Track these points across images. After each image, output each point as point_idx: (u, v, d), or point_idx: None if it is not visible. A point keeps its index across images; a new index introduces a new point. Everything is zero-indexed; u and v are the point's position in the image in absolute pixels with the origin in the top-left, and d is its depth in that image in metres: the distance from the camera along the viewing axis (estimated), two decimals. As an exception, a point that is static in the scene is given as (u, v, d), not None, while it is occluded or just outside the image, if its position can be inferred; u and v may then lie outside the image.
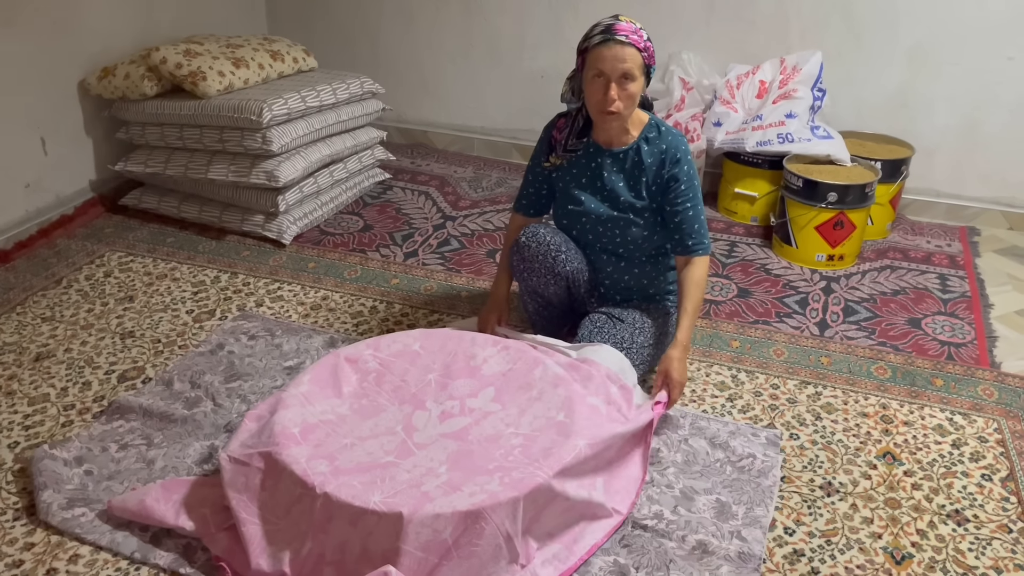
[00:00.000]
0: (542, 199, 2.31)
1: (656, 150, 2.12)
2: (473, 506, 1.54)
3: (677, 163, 2.10)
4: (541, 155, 2.25)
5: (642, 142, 2.13)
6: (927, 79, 3.17)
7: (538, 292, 2.25)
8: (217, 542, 1.68)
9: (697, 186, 2.13)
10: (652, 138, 2.13)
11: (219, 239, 3.06)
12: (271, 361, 2.32)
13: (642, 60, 1.99)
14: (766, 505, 1.83)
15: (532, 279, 2.21)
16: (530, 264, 2.18)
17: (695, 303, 2.08)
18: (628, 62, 1.97)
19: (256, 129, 2.88)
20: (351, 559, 1.53)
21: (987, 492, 1.91)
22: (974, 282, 2.85)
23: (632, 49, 1.97)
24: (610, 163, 2.16)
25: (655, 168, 2.12)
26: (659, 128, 2.13)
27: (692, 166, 2.12)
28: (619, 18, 2.01)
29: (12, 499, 1.85)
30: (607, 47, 1.97)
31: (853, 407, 2.19)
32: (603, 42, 1.97)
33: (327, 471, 1.63)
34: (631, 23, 2.00)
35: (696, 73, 3.32)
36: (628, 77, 1.98)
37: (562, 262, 2.17)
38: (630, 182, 2.15)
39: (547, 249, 2.16)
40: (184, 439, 2.02)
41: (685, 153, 2.11)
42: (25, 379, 2.26)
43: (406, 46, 3.88)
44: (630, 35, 1.97)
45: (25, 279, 2.76)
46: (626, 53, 1.96)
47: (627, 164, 2.14)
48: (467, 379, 1.93)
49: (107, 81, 3.04)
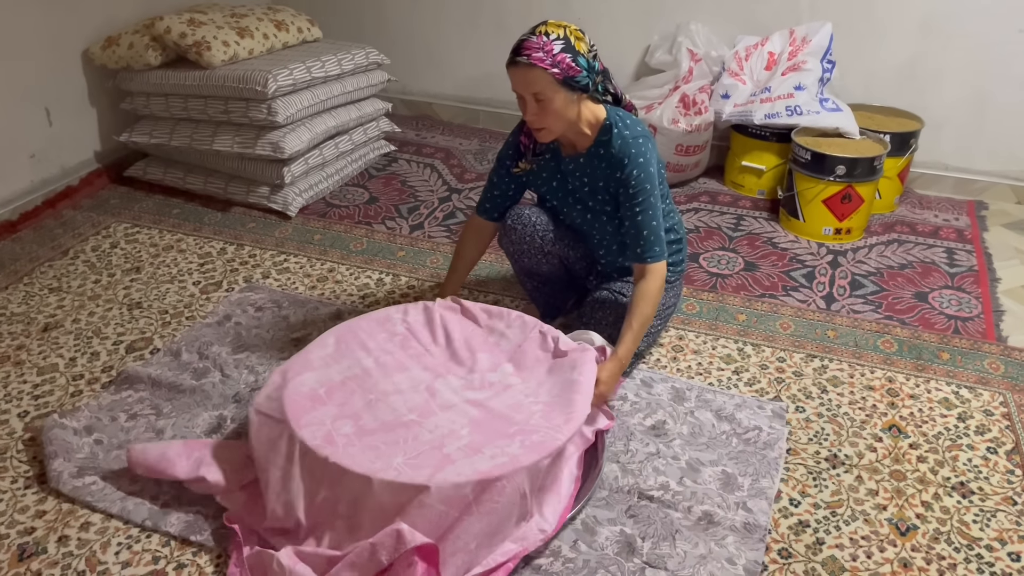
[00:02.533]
0: (507, 201, 2.19)
1: (608, 154, 1.97)
2: (495, 470, 1.57)
3: (624, 168, 1.95)
4: (508, 159, 2.13)
5: (598, 146, 1.99)
6: (937, 51, 3.14)
7: (533, 271, 2.25)
8: (234, 500, 1.71)
9: (650, 189, 1.95)
10: (605, 141, 1.97)
11: (225, 211, 3.06)
12: (278, 333, 2.33)
13: (552, 79, 1.81)
14: (772, 477, 1.84)
15: (524, 260, 2.21)
16: (519, 246, 2.17)
17: (641, 319, 1.93)
18: (534, 84, 1.82)
19: (261, 100, 2.86)
20: (365, 514, 1.55)
21: (992, 465, 1.91)
22: (981, 256, 2.84)
23: (536, 71, 1.80)
24: (572, 168, 2.07)
25: (607, 172, 2.00)
26: (612, 129, 1.96)
27: (644, 168, 1.94)
28: (535, 31, 1.83)
29: (23, 467, 1.86)
30: (513, 69, 1.84)
31: (859, 380, 2.19)
32: (509, 63, 1.84)
33: (351, 432, 1.66)
34: (544, 36, 1.81)
35: (704, 44, 3.29)
36: (540, 98, 1.84)
37: (551, 240, 2.16)
38: (593, 186, 2.06)
39: (534, 229, 2.14)
40: (193, 409, 2.03)
41: (636, 156, 1.93)
42: (33, 349, 2.27)
43: (411, 17, 3.84)
44: (533, 54, 1.80)
45: (31, 250, 2.76)
46: (530, 76, 1.82)
47: (588, 168, 2.04)
48: (487, 353, 1.94)
49: (111, 51, 3.02)
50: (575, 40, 1.85)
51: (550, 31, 1.83)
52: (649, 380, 2.15)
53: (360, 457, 1.59)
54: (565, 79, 1.83)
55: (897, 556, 1.67)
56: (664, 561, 1.63)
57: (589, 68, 1.87)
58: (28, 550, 1.66)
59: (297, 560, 1.51)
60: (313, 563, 1.51)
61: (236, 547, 1.60)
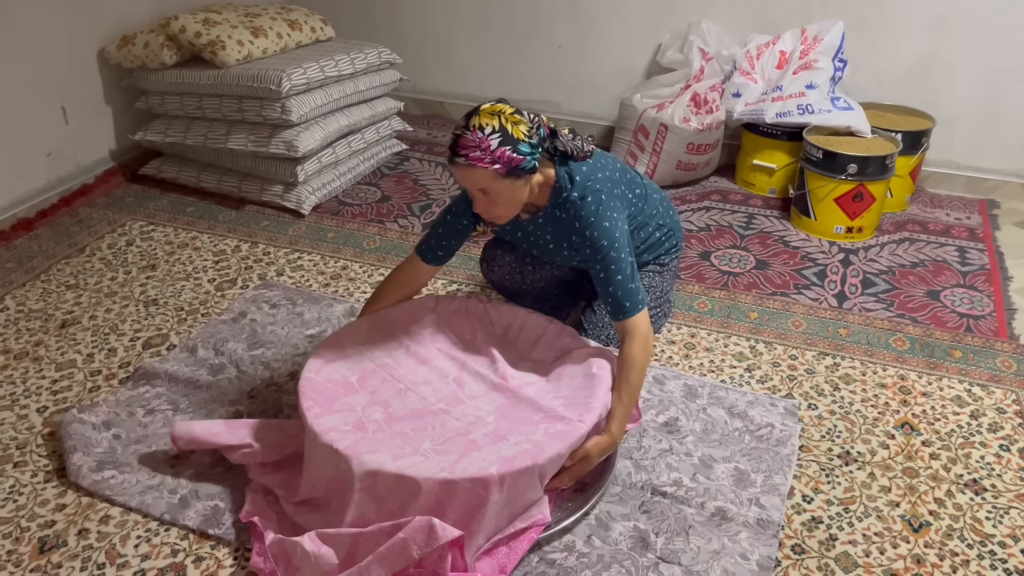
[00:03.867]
0: (451, 251, 2.04)
1: (565, 216, 1.90)
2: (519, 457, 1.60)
3: (579, 231, 1.87)
4: (462, 216, 1.99)
5: (553, 208, 1.92)
6: (949, 50, 3.14)
7: (525, 293, 2.28)
8: (268, 477, 1.77)
9: (608, 246, 1.83)
10: (560, 202, 1.89)
11: (239, 209, 3.08)
12: (293, 329, 2.35)
13: (494, 173, 1.71)
14: (784, 473, 1.85)
15: (513, 290, 2.27)
16: (501, 282, 2.23)
17: (630, 392, 1.78)
18: (478, 182, 1.74)
19: (275, 99, 2.88)
20: (384, 487, 1.57)
21: (1005, 462, 1.92)
22: (993, 255, 2.84)
23: (476, 170, 1.71)
24: (532, 229, 2.01)
25: (567, 233, 1.94)
26: (564, 189, 1.87)
27: (596, 227, 1.83)
28: (470, 124, 1.71)
29: (42, 461, 1.89)
30: (454, 167, 1.76)
31: (871, 378, 2.20)
32: (448, 160, 1.76)
33: (381, 419, 1.72)
34: (479, 131, 1.69)
35: (715, 43, 3.29)
36: (487, 191, 1.77)
37: (531, 272, 2.19)
38: (559, 241, 2.00)
39: (511, 268, 2.18)
40: (209, 405, 2.05)
41: (586, 218, 1.84)
42: (51, 345, 2.29)
43: (423, 16, 3.86)
44: (470, 153, 1.70)
45: (48, 247, 2.79)
46: (472, 176, 1.73)
47: (548, 228, 1.98)
48: (508, 348, 1.99)
49: (127, 50, 3.05)
50: (512, 127, 1.72)
51: (484, 123, 1.70)
52: (661, 377, 2.16)
53: (389, 443, 1.64)
54: (508, 171, 1.73)
55: (910, 552, 1.68)
56: (678, 556, 1.64)
57: (532, 149, 1.75)
58: (49, 543, 1.68)
59: (320, 544, 1.53)
60: (336, 543, 1.53)
61: (257, 537, 1.62)
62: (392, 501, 1.55)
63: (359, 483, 1.56)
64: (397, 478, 1.54)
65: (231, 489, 1.79)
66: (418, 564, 1.51)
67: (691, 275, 2.67)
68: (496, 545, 1.61)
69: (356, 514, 1.57)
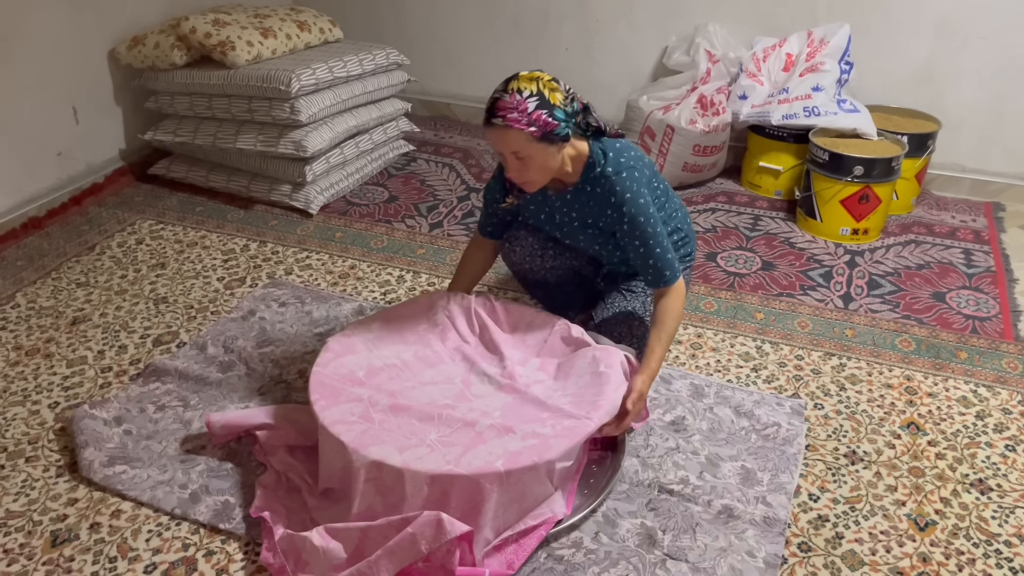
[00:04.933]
0: (505, 225, 2.18)
1: (597, 190, 1.94)
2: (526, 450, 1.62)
3: (615, 206, 1.92)
4: (496, 191, 2.10)
5: (584, 183, 1.96)
6: (954, 52, 3.15)
7: (540, 283, 2.28)
8: (295, 461, 1.81)
9: (645, 221, 1.90)
10: (593, 177, 1.93)
11: (247, 208, 3.10)
12: (302, 328, 2.36)
13: (529, 136, 1.75)
14: (791, 472, 1.86)
15: (529, 277, 2.26)
16: (521, 266, 2.22)
17: (669, 333, 1.92)
18: (512, 144, 1.77)
19: (285, 99, 2.90)
20: (389, 479, 1.58)
21: (1011, 462, 1.93)
22: (999, 257, 2.85)
23: (512, 132, 1.75)
24: (559, 205, 2.05)
25: (598, 208, 1.98)
26: (598, 164, 1.91)
27: (634, 203, 1.89)
28: (508, 87, 1.77)
29: (54, 456, 1.90)
30: (488, 129, 1.80)
31: (877, 378, 2.20)
32: (484, 123, 1.80)
33: (387, 408, 1.74)
34: (517, 93, 1.75)
35: (722, 46, 3.31)
36: (521, 156, 1.80)
37: (551, 256, 2.19)
38: (584, 220, 2.04)
39: (532, 249, 2.18)
40: (219, 401, 2.06)
41: (622, 194, 1.90)
42: (63, 342, 2.31)
43: (430, 18, 3.88)
44: (508, 115, 1.74)
45: (59, 245, 2.81)
46: (507, 137, 1.76)
47: (576, 205, 2.02)
48: (516, 348, 2.00)
49: (137, 50, 3.07)
50: (549, 92, 1.77)
51: (523, 87, 1.75)
52: (668, 376, 2.17)
53: (395, 434, 1.65)
54: (543, 135, 1.77)
55: (916, 551, 1.69)
56: (685, 553, 1.65)
57: (567, 117, 1.80)
58: (61, 536, 1.69)
59: (329, 538, 1.54)
60: (344, 538, 1.55)
61: (267, 533, 1.63)
62: (397, 493, 1.57)
63: (365, 474, 1.57)
64: (402, 471, 1.56)
65: (241, 484, 1.81)
66: (426, 559, 1.52)
67: (697, 276, 2.68)
68: (506, 541, 1.62)
69: (363, 505, 1.59)
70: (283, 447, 1.84)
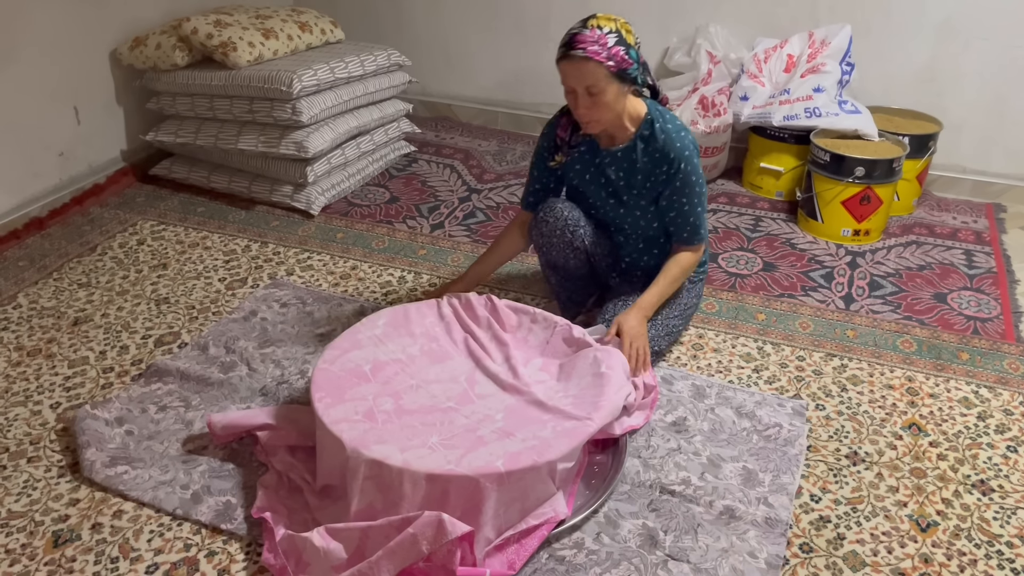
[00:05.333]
0: (549, 194, 2.25)
1: (651, 148, 2.03)
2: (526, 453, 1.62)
3: (670, 163, 2.01)
4: (544, 152, 2.19)
5: (638, 139, 2.04)
6: (956, 53, 3.15)
7: (558, 265, 2.27)
8: (295, 460, 1.81)
9: (695, 181, 2.04)
10: (647, 136, 2.03)
11: (249, 209, 3.10)
12: (303, 328, 2.36)
13: (606, 71, 1.85)
14: (792, 473, 1.86)
15: (552, 253, 2.23)
16: (548, 239, 2.19)
17: (669, 279, 2.09)
18: (589, 77, 1.86)
19: (286, 100, 2.91)
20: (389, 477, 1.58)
21: (1012, 463, 1.93)
22: (1000, 258, 2.85)
23: (591, 64, 1.84)
24: (609, 161, 2.10)
25: (650, 166, 2.05)
26: (654, 124, 2.02)
27: (690, 161, 2.02)
28: (587, 24, 1.87)
29: (56, 457, 1.90)
30: (566, 62, 1.87)
31: (879, 379, 2.20)
32: (562, 57, 1.88)
33: (391, 410, 1.74)
34: (597, 28, 1.85)
35: (723, 47, 3.31)
36: (593, 92, 1.88)
37: (580, 236, 2.18)
38: (630, 179, 2.10)
39: (564, 224, 2.16)
40: (221, 402, 2.07)
41: (682, 150, 2.00)
42: (64, 342, 2.31)
43: (431, 19, 3.88)
44: (588, 47, 1.83)
45: (60, 246, 2.81)
46: (584, 69, 1.85)
47: (625, 162, 2.08)
48: (518, 348, 2.00)
49: (138, 51, 3.07)
50: (625, 33, 1.90)
51: (602, 24, 1.87)
52: (670, 377, 2.17)
53: (398, 434, 1.66)
54: (619, 71, 1.88)
55: (918, 552, 1.69)
56: (686, 554, 1.65)
57: (638, 61, 1.93)
58: (63, 537, 1.69)
59: (330, 539, 1.54)
60: (345, 538, 1.55)
61: (268, 534, 1.63)
62: (396, 491, 1.57)
63: (365, 471, 1.58)
64: (402, 469, 1.56)
65: (243, 485, 1.81)
66: (427, 559, 1.52)
67: (699, 277, 2.68)
68: (507, 542, 1.62)
69: (363, 503, 1.59)
70: (284, 447, 1.84)
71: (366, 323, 2.00)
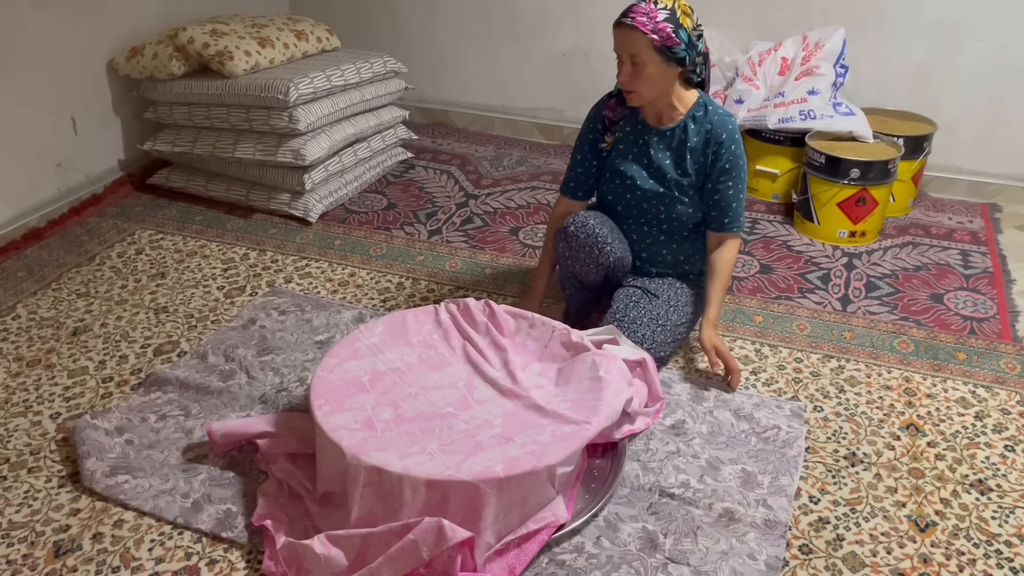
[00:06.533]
0: (591, 179, 2.30)
1: (702, 129, 2.12)
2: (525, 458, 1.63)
3: (721, 144, 2.10)
4: (589, 134, 2.25)
5: (689, 120, 2.13)
6: (950, 55, 3.16)
7: (579, 277, 2.28)
8: (296, 468, 1.82)
9: (742, 166, 2.13)
10: (699, 117, 2.12)
11: (247, 217, 3.11)
12: (302, 336, 2.37)
13: (650, 43, 1.95)
14: (791, 474, 1.87)
15: (576, 266, 2.24)
16: (576, 253, 2.20)
17: (724, 283, 2.17)
18: (632, 46, 1.96)
19: (283, 108, 2.92)
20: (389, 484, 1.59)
21: (1010, 462, 1.93)
22: (996, 258, 2.86)
23: (636, 33, 1.95)
24: (657, 140, 2.16)
25: (700, 147, 2.13)
26: (707, 107, 2.13)
27: (739, 146, 2.12)
28: None
29: (56, 467, 1.91)
30: (616, 29, 1.99)
31: (876, 380, 2.21)
32: (616, 23, 1.99)
33: (390, 419, 1.75)
34: (652, 3, 1.97)
35: (718, 50, 3.32)
36: (636, 61, 1.97)
37: (607, 253, 2.18)
38: (676, 160, 2.16)
39: (594, 240, 2.16)
40: (220, 410, 2.07)
41: (732, 133, 2.11)
42: (64, 353, 2.31)
43: (426, 25, 3.89)
44: (637, 18, 1.95)
45: (59, 256, 2.81)
46: (629, 38, 1.96)
47: (673, 142, 2.15)
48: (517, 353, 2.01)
49: (135, 61, 3.08)
50: (682, 15, 1.98)
51: (664, 2, 1.96)
52: (668, 380, 2.18)
53: (397, 442, 1.66)
54: (662, 47, 1.95)
55: (917, 552, 1.70)
56: (686, 557, 1.66)
57: (689, 43, 2.00)
58: (64, 547, 1.70)
59: (331, 546, 1.55)
60: (346, 545, 1.55)
61: (269, 542, 1.64)
62: (396, 498, 1.57)
63: (365, 478, 1.58)
64: (402, 475, 1.56)
65: (243, 493, 1.81)
66: (428, 565, 1.53)
67: (696, 280, 2.69)
68: (508, 546, 1.62)
69: (363, 510, 1.60)
70: (284, 455, 1.84)
71: (364, 331, 2.01)
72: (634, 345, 2.06)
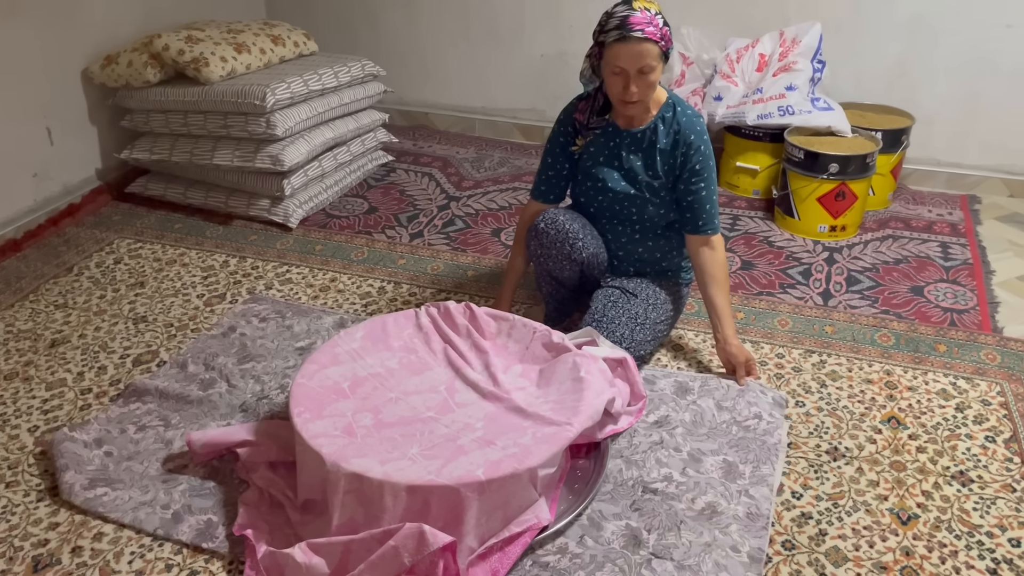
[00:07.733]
0: (562, 182, 2.28)
1: (670, 131, 2.11)
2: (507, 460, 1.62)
3: (690, 145, 2.09)
4: (560, 137, 2.23)
5: (659, 122, 2.12)
6: (926, 48, 3.18)
7: (553, 275, 2.27)
8: (276, 477, 1.81)
9: (711, 167, 2.12)
10: (668, 118, 2.12)
11: (226, 224, 3.09)
12: (283, 342, 2.35)
13: (659, 50, 1.96)
14: (772, 463, 1.87)
15: (549, 263, 2.23)
16: (547, 250, 2.20)
17: (725, 290, 2.16)
18: (645, 57, 1.94)
19: (260, 113, 2.90)
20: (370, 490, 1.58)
21: (991, 453, 1.94)
22: (975, 249, 2.87)
23: (649, 44, 1.93)
24: (628, 142, 2.16)
25: (669, 149, 2.12)
26: (675, 108, 2.12)
27: (707, 145, 2.11)
28: (634, 6, 1.94)
29: (34, 481, 1.89)
30: (624, 44, 1.93)
31: (858, 374, 2.22)
32: (620, 39, 1.93)
33: (370, 424, 1.74)
34: (645, 10, 1.94)
35: (696, 48, 3.33)
36: (646, 71, 1.97)
37: (579, 248, 2.18)
38: (647, 161, 2.15)
39: (565, 236, 2.16)
40: (201, 419, 2.05)
41: (700, 134, 2.10)
42: (41, 365, 2.29)
43: (406, 28, 3.88)
44: (645, 28, 1.92)
45: (36, 267, 2.79)
46: (643, 49, 1.93)
47: (644, 144, 2.14)
48: (498, 356, 2.00)
49: (110, 69, 3.06)
50: (658, 10, 1.99)
51: (647, 6, 1.96)
52: (651, 377, 2.17)
53: (377, 448, 1.65)
54: (666, 52, 1.99)
55: (899, 545, 1.70)
56: (670, 551, 1.65)
57: None
58: (43, 561, 1.68)
59: (312, 554, 1.54)
60: (327, 553, 1.54)
61: (250, 551, 1.62)
62: (377, 504, 1.56)
63: (345, 485, 1.57)
64: (382, 481, 1.55)
65: (224, 502, 1.80)
66: (410, 571, 1.52)
67: (677, 277, 2.69)
68: (490, 550, 1.62)
69: (344, 517, 1.59)
70: (264, 463, 1.83)
71: (344, 336, 2.00)
72: (612, 345, 2.05)
